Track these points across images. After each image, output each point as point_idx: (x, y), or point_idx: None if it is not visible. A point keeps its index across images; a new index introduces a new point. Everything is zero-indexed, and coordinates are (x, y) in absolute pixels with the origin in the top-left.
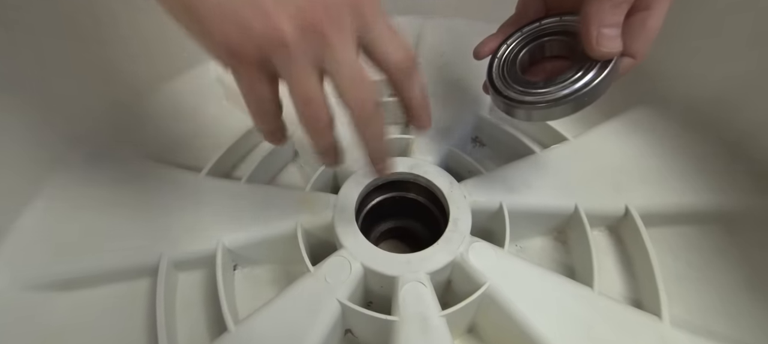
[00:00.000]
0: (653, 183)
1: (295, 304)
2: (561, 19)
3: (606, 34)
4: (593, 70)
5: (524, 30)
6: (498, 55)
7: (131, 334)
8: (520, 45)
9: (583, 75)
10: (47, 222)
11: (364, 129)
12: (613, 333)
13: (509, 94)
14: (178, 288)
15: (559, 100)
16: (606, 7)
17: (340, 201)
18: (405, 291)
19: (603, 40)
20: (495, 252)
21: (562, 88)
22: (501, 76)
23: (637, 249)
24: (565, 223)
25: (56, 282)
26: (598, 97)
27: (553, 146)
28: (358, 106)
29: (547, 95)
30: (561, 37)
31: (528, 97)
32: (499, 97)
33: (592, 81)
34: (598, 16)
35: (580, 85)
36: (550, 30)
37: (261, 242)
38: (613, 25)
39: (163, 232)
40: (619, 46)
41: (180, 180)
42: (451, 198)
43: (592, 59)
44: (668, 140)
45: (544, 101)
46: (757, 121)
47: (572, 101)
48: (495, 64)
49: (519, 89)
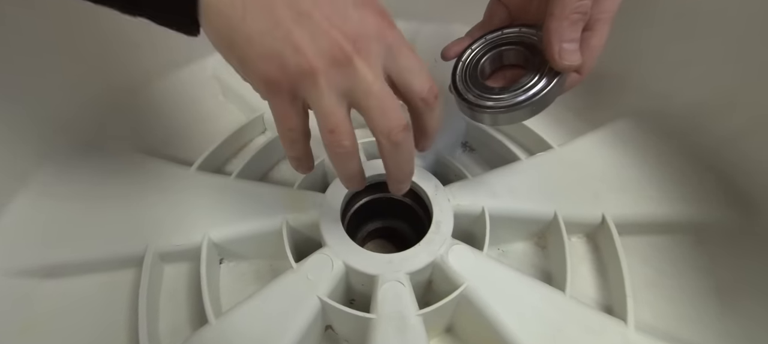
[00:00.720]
0: (630, 192)
1: (275, 299)
2: (520, 30)
3: (566, 48)
4: (544, 79)
5: (488, 37)
6: (462, 58)
7: (114, 323)
8: (482, 51)
9: (535, 84)
10: (37, 210)
11: (393, 156)
12: (579, 335)
13: (469, 97)
14: (164, 280)
15: (514, 106)
16: (564, 25)
17: (326, 200)
18: (384, 289)
19: (564, 54)
20: (474, 255)
21: (516, 94)
22: (463, 80)
23: (611, 256)
24: (545, 229)
25: (43, 269)
26: (547, 105)
27: (538, 154)
28: (386, 135)
29: (502, 101)
30: (518, 48)
31: (485, 102)
32: (461, 100)
33: (543, 90)
34: (558, 32)
35: (532, 92)
36: (510, 40)
37: (247, 237)
38: (573, 40)
39: (151, 224)
40: (578, 58)
41: (170, 174)
42: (435, 201)
43: (543, 70)
44: (647, 152)
45: (499, 106)
46: (727, 134)
47: (525, 107)
48: (459, 68)
49: (477, 93)
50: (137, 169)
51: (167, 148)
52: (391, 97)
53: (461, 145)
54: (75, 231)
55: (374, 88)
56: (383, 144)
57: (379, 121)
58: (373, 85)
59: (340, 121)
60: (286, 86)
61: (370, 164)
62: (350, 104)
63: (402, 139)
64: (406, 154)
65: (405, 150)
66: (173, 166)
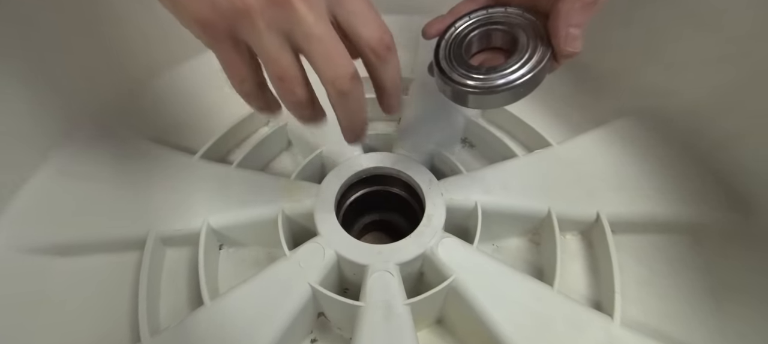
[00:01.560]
0: (626, 191)
1: (268, 285)
2: (506, 10)
3: (573, 33)
4: (530, 62)
5: (473, 16)
6: (446, 36)
7: (119, 300)
8: (468, 29)
9: (521, 66)
10: (51, 190)
11: (341, 106)
12: (564, 329)
13: (454, 76)
14: (165, 262)
15: (500, 87)
16: (577, 7)
17: (322, 191)
18: (373, 279)
19: (570, 40)
20: (463, 249)
21: (500, 76)
22: (447, 58)
23: (603, 253)
24: (539, 226)
25: (53, 247)
26: (533, 89)
27: (536, 151)
28: (331, 83)
29: (487, 81)
30: (504, 28)
31: (470, 81)
32: (444, 79)
33: (529, 72)
34: (569, 15)
35: (519, 75)
36: (496, 20)
37: (245, 224)
38: (580, 25)
39: (155, 209)
40: (580, 45)
41: (175, 161)
42: (428, 194)
43: (530, 53)
44: (646, 151)
45: (483, 87)
46: (726, 135)
47: (511, 89)
48: (442, 45)
49: (463, 72)
50: (145, 155)
51: (174, 137)
52: (336, 41)
53: (460, 141)
54: (85, 213)
55: (316, 30)
56: (329, 92)
57: (323, 67)
58: (315, 27)
59: (287, 67)
60: (222, 28)
61: (367, 157)
62: (294, 48)
63: (349, 88)
64: (355, 103)
65: (353, 99)
66: (178, 154)
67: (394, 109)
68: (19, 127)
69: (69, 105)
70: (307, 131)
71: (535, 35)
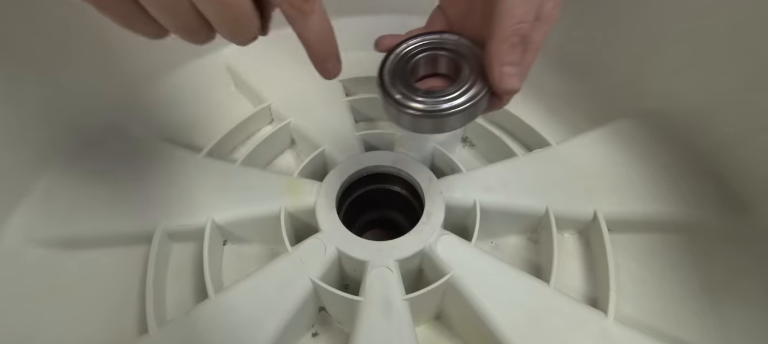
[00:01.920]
0: (624, 191)
1: (271, 279)
2: (459, 39)
3: (507, 72)
4: (466, 95)
5: (427, 38)
6: (396, 51)
7: (127, 293)
8: (417, 50)
9: (462, 95)
10: (63, 186)
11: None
12: (559, 324)
13: (394, 93)
14: (172, 257)
15: (436, 113)
16: (504, 48)
17: (323, 188)
18: (373, 275)
19: (504, 78)
20: (462, 246)
21: (441, 101)
22: (391, 75)
23: (600, 251)
24: (537, 224)
25: (65, 240)
26: (466, 122)
27: (535, 150)
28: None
29: (426, 104)
30: (450, 55)
31: (410, 103)
32: (385, 96)
33: (468, 102)
34: (499, 55)
35: (457, 103)
36: (447, 46)
37: (248, 221)
38: (513, 63)
39: (162, 205)
40: (518, 83)
41: (181, 159)
42: (428, 192)
43: (473, 83)
44: (644, 152)
45: (424, 110)
46: (724, 137)
47: (447, 116)
48: (389, 60)
49: (404, 92)
50: (153, 153)
51: (181, 134)
52: None
53: (461, 140)
54: (96, 208)
55: None
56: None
57: None
58: None
59: None
60: None
61: (368, 156)
62: None
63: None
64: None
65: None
66: (184, 151)
67: (329, 71)
68: (33, 124)
69: (80, 103)
70: (310, 130)
71: (478, 68)
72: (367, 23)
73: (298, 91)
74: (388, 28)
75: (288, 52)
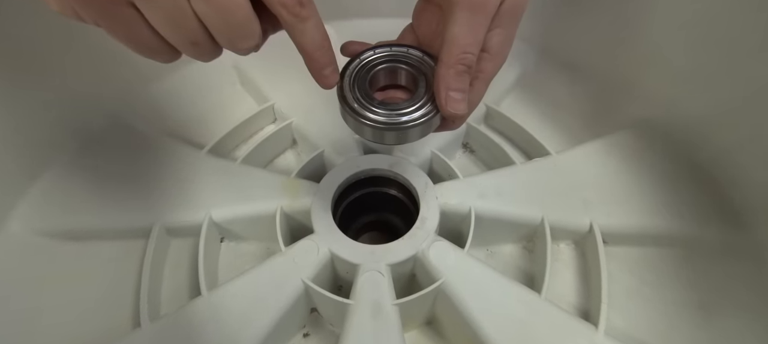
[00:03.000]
0: (622, 203)
1: (263, 279)
2: (424, 56)
3: (452, 96)
4: (420, 110)
5: (393, 49)
6: (360, 57)
7: (123, 285)
8: (381, 60)
9: (415, 110)
10: (67, 179)
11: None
12: (548, 335)
13: (352, 102)
14: (169, 252)
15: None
16: (451, 73)
17: (320, 189)
18: (364, 278)
19: (450, 102)
20: (454, 252)
21: (396, 115)
22: (351, 83)
23: (594, 263)
24: (532, 233)
25: (66, 232)
26: (420, 136)
27: (534, 159)
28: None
29: (380, 115)
30: (414, 71)
31: (367, 113)
32: (343, 103)
33: (417, 119)
34: (445, 79)
35: (409, 118)
36: (411, 61)
37: (245, 219)
38: (458, 89)
39: (162, 200)
40: (464, 108)
41: (184, 155)
42: (423, 197)
43: (423, 100)
44: (643, 164)
45: (377, 121)
46: (723, 149)
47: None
48: (351, 67)
49: (361, 102)
50: (157, 148)
51: (186, 130)
52: None
53: (462, 146)
54: (98, 201)
55: None
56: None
57: None
58: None
59: None
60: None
61: (366, 158)
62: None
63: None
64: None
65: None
66: (187, 147)
67: (328, 79)
68: (40, 118)
69: (88, 98)
70: (310, 131)
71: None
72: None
73: (302, 91)
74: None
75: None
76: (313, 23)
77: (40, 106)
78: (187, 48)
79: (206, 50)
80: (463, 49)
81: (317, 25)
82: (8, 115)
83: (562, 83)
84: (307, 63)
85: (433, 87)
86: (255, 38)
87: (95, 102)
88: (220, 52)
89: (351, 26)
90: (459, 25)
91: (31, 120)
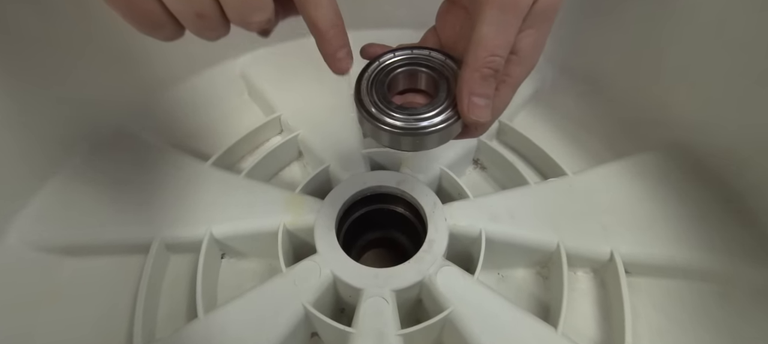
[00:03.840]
0: (645, 230)
1: (262, 302)
2: (446, 59)
3: (476, 102)
4: (440, 116)
5: (414, 52)
6: (379, 60)
7: (120, 303)
8: (401, 63)
9: (436, 115)
10: (66, 192)
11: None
12: None
13: (367, 103)
14: (169, 268)
15: (408, 131)
16: (476, 77)
17: (324, 207)
18: (367, 305)
19: (473, 108)
20: (463, 279)
21: (412, 120)
22: (369, 86)
23: (616, 295)
24: (547, 259)
25: (64, 247)
26: (439, 143)
27: (550, 179)
28: None
29: (398, 121)
30: (435, 75)
31: (384, 116)
32: (360, 108)
33: (437, 125)
34: (469, 84)
35: (424, 125)
36: (432, 64)
37: (246, 235)
38: (483, 95)
39: (163, 214)
40: (488, 115)
41: (187, 168)
42: (431, 218)
43: (443, 105)
44: (670, 189)
45: (395, 126)
46: (763, 177)
47: (414, 136)
48: (370, 70)
49: (379, 106)
50: (160, 160)
51: (192, 141)
52: None
53: (473, 162)
54: (96, 215)
55: None
56: None
57: None
58: None
59: None
60: None
61: (372, 175)
62: None
63: None
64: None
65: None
66: (191, 159)
67: (342, 62)
68: (43, 128)
69: (90, 110)
70: (317, 144)
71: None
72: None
73: (310, 103)
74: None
75: (303, 63)
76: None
77: (43, 115)
78: (192, 21)
79: (213, 24)
80: (491, 52)
81: (332, 2)
82: (8, 125)
83: (580, 99)
84: (319, 44)
85: (456, 91)
86: (267, 11)
87: (101, 111)
88: (227, 28)
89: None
90: (488, 25)
91: (33, 130)
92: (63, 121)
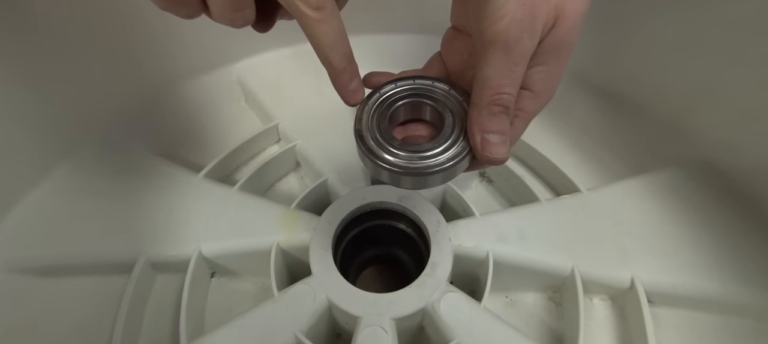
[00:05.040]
0: (668, 256)
1: (251, 331)
2: (450, 90)
3: (489, 139)
4: (447, 153)
5: (417, 82)
6: (381, 91)
7: (99, 328)
8: (403, 94)
9: (442, 152)
10: (46, 207)
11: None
12: None
13: (367, 139)
14: (153, 290)
15: (411, 170)
16: (484, 114)
17: (320, 225)
18: (364, 334)
19: (486, 146)
20: (469, 308)
21: (417, 158)
22: (370, 120)
23: (638, 328)
24: (560, 284)
25: (40, 268)
26: (445, 181)
27: (563, 196)
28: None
29: (400, 158)
30: (439, 106)
31: (384, 154)
32: (361, 144)
33: (443, 164)
34: (479, 122)
35: (428, 164)
36: (436, 95)
37: (238, 254)
38: (497, 132)
39: (149, 231)
40: (504, 152)
41: (177, 180)
42: (435, 238)
43: (455, 141)
44: (694, 210)
45: (395, 165)
46: None
47: (418, 175)
48: (371, 101)
49: (379, 141)
50: (148, 171)
51: (184, 150)
52: None
53: (479, 175)
54: (78, 232)
55: None
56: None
57: None
58: None
59: None
60: None
61: (372, 190)
62: None
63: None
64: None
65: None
66: (182, 171)
67: (354, 96)
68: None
69: (77, 117)
70: (315, 155)
71: (461, 123)
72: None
73: (309, 112)
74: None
75: (302, 69)
76: (329, 22)
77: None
78: None
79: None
80: (497, 91)
81: (337, 21)
82: None
83: (595, 111)
84: (332, 76)
85: (467, 129)
86: None
87: (85, 117)
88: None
89: (369, 42)
90: (492, 67)
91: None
92: (43, 128)
